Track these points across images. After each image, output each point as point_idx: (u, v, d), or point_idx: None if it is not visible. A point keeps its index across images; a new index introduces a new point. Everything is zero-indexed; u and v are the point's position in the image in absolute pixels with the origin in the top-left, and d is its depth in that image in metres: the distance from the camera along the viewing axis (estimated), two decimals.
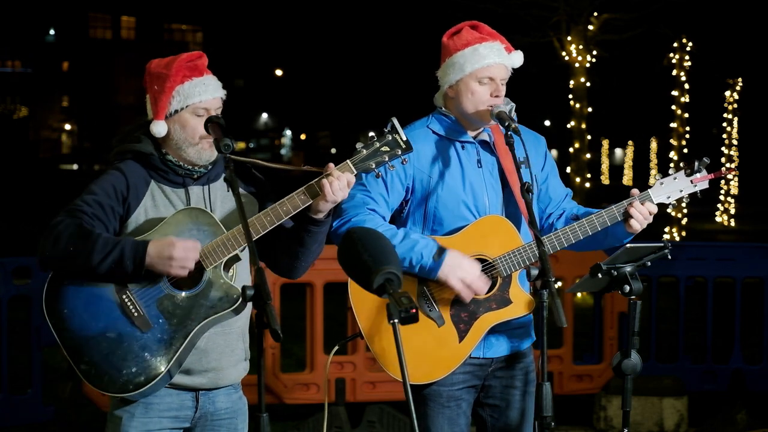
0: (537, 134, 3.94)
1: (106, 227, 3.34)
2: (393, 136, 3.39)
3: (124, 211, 3.38)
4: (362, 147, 3.39)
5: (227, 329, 3.46)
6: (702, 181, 3.74)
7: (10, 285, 6.51)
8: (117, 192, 3.37)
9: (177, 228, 3.35)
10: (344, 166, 3.39)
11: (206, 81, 3.42)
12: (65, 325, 3.32)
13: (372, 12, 45.67)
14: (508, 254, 3.68)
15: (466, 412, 3.81)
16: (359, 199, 3.70)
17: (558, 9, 14.18)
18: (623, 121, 46.01)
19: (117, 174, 3.40)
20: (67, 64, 57.52)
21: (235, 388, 3.57)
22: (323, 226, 3.45)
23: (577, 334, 7.45)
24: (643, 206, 3.69)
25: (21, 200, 28.84)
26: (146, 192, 3.41)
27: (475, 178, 3.76)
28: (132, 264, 3.24)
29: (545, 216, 3.93)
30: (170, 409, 3.43)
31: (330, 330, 6.78)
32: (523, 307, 3.73)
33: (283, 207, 3.36)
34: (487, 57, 3.69)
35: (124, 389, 3.31)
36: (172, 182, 3.44)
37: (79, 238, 3.23)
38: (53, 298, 3.34)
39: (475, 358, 3.75)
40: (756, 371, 7.32)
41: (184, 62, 3.41)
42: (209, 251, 3.33)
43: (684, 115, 18.53)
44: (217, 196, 3.49)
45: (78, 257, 3.24)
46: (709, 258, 7.43)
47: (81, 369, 3.32)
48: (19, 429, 6.62)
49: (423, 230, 3.77)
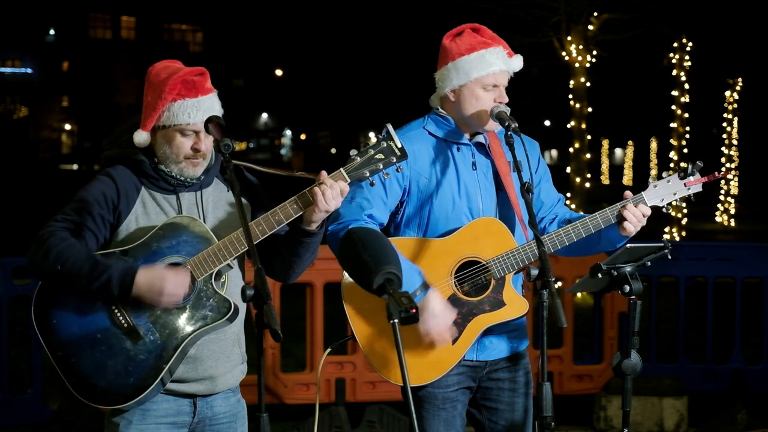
0: (531, 139, 3.94)
1: (96, 237, 3.31)
2: (388, 143, 3.34)
3: (115, 218, 3.34)
4: (356, 154, 3.35)
5: (221, 336, 3.42)
6: (695, 184, 3.75)
7: (10, 285, 6.52)
8: (107, 199, 3.32)
9: (164, 240, 3.30)
10: (337, 174, 3.35)
11: (200, 103, 3.32)
12: (54, 337, 3.28)
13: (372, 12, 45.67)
14: (502, 256, 3.68)
15: (461, 414, 3.81)
16: (357, 203, 3.68)
17: (558, 9, 14.18)
18: (623, 121, 45.97)
19: (107, 180, 3.35)
20: (67, 64, 57.46)
21: (234, 391, 3.54)
22: (316, 237, 3.41)
23: (577, 334, 7.45)
24: (636, 208, 3.69)
25: (21, 200, 28.83)
26: (137, 199, 3.36)
27: (469, 181, 3.76)
28: (118, 290, 3.21)
29: (538, 220, 3.92)
30: (167, 415, 3.40)
31: (330, 330, 6.77)
32: (517, 309, 3.72)
33: (275, 216, 3.32)
34: (494, 64, 3.69)
35: (114, 401, 3.29)
36: (163, 189, 3.39)
37: (68, 257, 3.19)
38: (42, 309, 3.31)
39: (468, 361, 3.75)
40: (756, 371, 7.32)
41: (181, 78, 3.32)
42: (199, 262, 3.29)
43: (684, 115, 18.52)
44: (209, 202, 3.44)
45: (65, 276, 3.21)
46: (709, 258, 7.43)
47: (71, 382, 3.29)
48: (19, 429, 6.62)
49: (418, 232, 3.76)
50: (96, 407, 3.34)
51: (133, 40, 58.91)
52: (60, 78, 56.42)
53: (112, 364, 3.26)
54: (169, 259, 3.30)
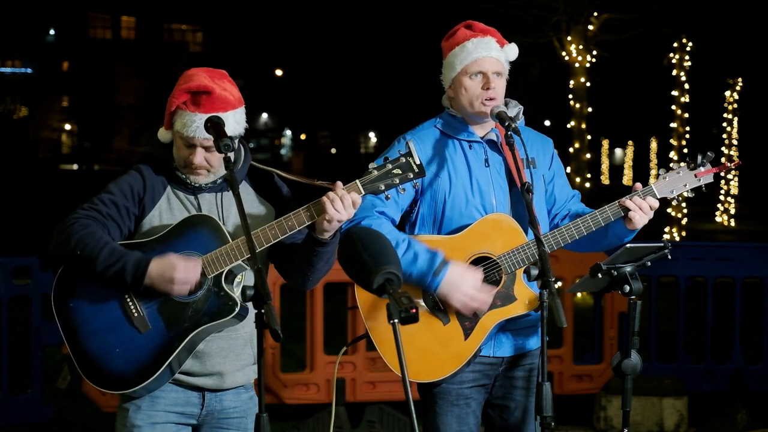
0: (545, 136, 3.98)
1: (120, 228, 3.41)
2: (407, 160, 3.37)
3: (139, 211, 3.43)
4: (374, 168, 3.38)
5: (233, 334, 3.48)
6: (706, 174, 3.75)
7: (10, 285, 6.52)
8: (133, 192, 3.42)
9: (180, 236, 3.37)
10: (352, 186, 3.37)
11: (197, 119, 3.35)
12: (70, 318, 3.39)
13: (372, 12, 45.67)
14: (512, 251, 3.69)
15: (476, 412, 3.81)
16: (369, 201, 3.69)
17: (558, 9, 14.20)
18: (623, 121, 46.00)
19: (135, 175, 3.46)
20: (67, 64, 57.45)
21: (246, 388, 3.59)
22: (329, 246, 3.42)
23: (577, 334, 7.45)
24: (643, 200, 3.70)
25: (21, 200, 28.82)
26: (163, 195, 3.45)
27: (482, 178, 3.78)
28: (132, 279, 3.30)
29: (551, 216, 3.94)
30: (176, 405, 3.47)
31: (330, 330, 6.77)
32: (528, 305, 3.73)
33: (288, 222, 3.35)
34: (474, 51, 3.74)
35: (119, 386, 3.37)
36: (185, 187, 3.47)
37: (87, 243, 3.30)
38: (61, 294, 3.41)
39: (485, 357, 3.76)
40: (756, 371, 7.32)
41: (191, 89, 3.37)
42: (211, 260, 3.34)
43: (684, 115, 18.53)
44: (229, 202, 3.48)
45: (83, 261, 3.31)
46: (709, 258, 7.43)
47: (81, 364, 3.39)
48: (19, 429, 6.62)
49: (432, 230, 3.78)
50: (103, 391, 3.44)
51: (133, 40, 58.93)
52: (60, 78, 56.42)
53: (120, 350, 3.35)
54: (185, 254, 3.35)
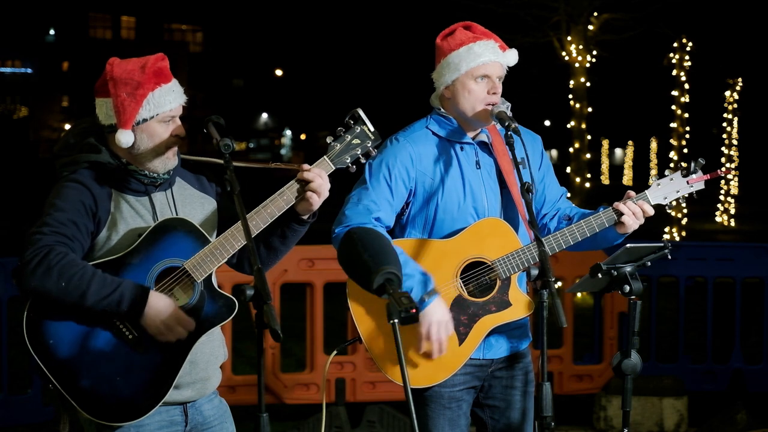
0: (533, 133, 3.94)
1: (83, 248, 3.17)
2: (361, 128, 3.37)
3: (95, 226, 3.19)
4: (333, 141, 3.37)
5: (211, 337, 3.34)
6: (698, 181, 3.75)
7: (10, 285, 6.51)
8: (86, 207, 3.17)
9: (156, 244, 3.19)
10: (322, 163, 3.36)
11: (174, 87, 3.25)
12: (53, 357, 3.13)
13: (372, 12, 45.67)
14: (507, 256, 3.68)
15: (466, 413, 3.82)
16: (364, 206, 3.68)
17: (558, 9, 14.18)
18: (623, 121, 46.01)
19: (79, 187, 3.20)
20: (67, 64, 57.44)
21: (215, 393, 3.47)
22: (307, 225, 3.41)
23: (577, 334, 7.45)
24: (635, 205, 3.69)
25: (21, 200, 28.81)
26: (110, 204, 3.23)
27: (474, 180, 3.75)
28: (128, 308, 3.09)
29: (540, 216, 3.93)
30: (161, 428, 3.27)
31: (330, 330, 6.78)
32: (523, 309, 3.73)
33: (267, 209, 3.28)
34: (482, 55, 3.70)
35: (132, 416, 3.16)
36: (134, 191, 3.27)
37: (73, 273, 3.05)
38: (36, 331, 3.15)
39: (475, 359, 3.75)
40: (756, 371, 7.32)
41: (153, 67, 3.23)
42: (197, 263, 3.21)
43: (684, 115, 18.51)
44: (179, 200, 3.36)
45: (71, 294, 3.06)
46: (709, 258, 7.44)
47: (81, 403, 3.13)
48: (19, 429, 6.62)
49: (423, 232, 3.75)
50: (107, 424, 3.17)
51: (133, 40, 58.89)
52: (60, 78, 56.38)
53: (122, 378, 3.13)
54: (167, 263, 3.21)
